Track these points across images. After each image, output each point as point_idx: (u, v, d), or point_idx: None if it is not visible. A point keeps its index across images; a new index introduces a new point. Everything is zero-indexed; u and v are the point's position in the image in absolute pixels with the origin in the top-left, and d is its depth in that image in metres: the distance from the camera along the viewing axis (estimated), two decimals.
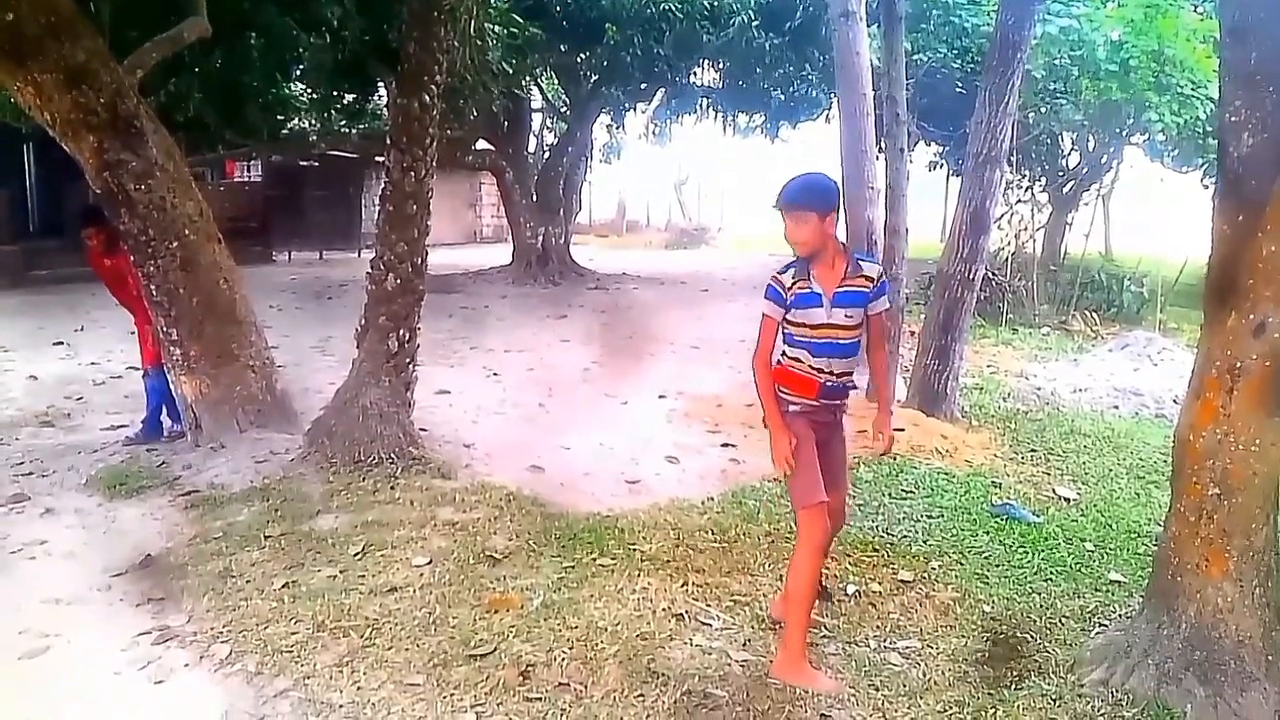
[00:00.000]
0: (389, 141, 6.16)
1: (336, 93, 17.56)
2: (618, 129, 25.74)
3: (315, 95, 18.08)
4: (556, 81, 21.41)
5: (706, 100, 21.65)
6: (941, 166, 22.66)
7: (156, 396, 6.74)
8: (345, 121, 19.19)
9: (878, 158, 9.03)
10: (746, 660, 3.66)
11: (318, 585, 4.23)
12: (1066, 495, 5.86)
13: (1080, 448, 6.99)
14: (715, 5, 15.75)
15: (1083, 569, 4.64)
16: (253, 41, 13.31)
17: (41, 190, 19.12)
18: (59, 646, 3.76)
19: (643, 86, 18.79)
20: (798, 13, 15.97)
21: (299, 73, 16.89)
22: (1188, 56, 12.25)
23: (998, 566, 4.63)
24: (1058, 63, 13.15)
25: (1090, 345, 11.70)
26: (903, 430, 6.87)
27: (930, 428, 7.05)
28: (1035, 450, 6.89)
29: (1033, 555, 4.77)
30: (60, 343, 10.75)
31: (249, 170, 25.56)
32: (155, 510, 5.35)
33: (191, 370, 6.34)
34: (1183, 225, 14.65)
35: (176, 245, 6.15)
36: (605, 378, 9.21)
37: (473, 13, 6.73)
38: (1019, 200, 16.17)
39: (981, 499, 5.65)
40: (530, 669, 3.52)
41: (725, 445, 6.83)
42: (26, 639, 3.79)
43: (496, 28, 12.57)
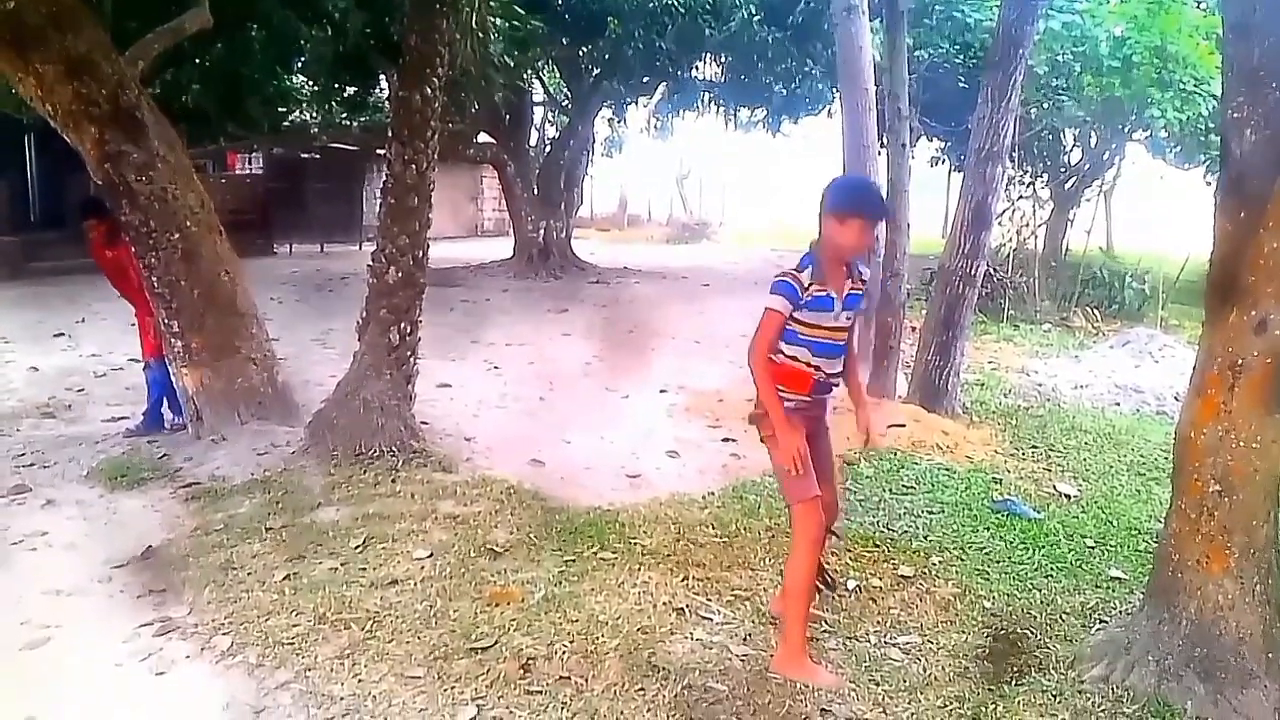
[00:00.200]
0: (390, 134, 6.15)
1: (338, 85, 17.57)
2: (619, 123, 25.71)
3: (317, 87, 18.10)
4: (558, 75, 21.40)
5: (708, 94, 21.61)
6: (943, 162, 22.67)
7: (158, 388, 6.74)
8: (347, 114, 19.21)
9: (880, 153, 9.02)
10: (747, 654, 3.66)
11: (319, 577, 4.24)
12: (1067, 492, 5.86)
13: (1081, 444, 6.99)
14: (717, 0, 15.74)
15: (1083, 565, 4.64)
16: (254, 33, 13.30)
17: (42, 181, 19.12)
18: (60, 638, 3.76)
19: (644, 80, 18.77)
20: (800, 7, 15.94)
21: (300, 65, 16.90)
22: (1190, 53, 12.24)
23: (998, 562, 4.63)
24: (1060, 59, 13.14)
25: (1091, 342, 11.69)
26: (903, 426, 6.89)
27: (931, 423, 7.05)
28: (1036, 446, 6.89)
29: (1033, 551, 4.77)
30: (61, 334, 10.74)
31: (250, 162, 25.55)
32: (156, 502, 5.35)
33: (193, 362, 6.34)
34: (1185, 222, 14.66)
35: (178, 237, 6.14)
36: (606, 372, 9.21)
37: (474, 5, 6.73)
38: (1021, 196, 16.17)
39: (982, 495, 5.65)
40: (531, 662, 3.52)
41: (726, 440, 6.83)
42: (27, 630, 3.79)
43: (498, 20, 12.54)
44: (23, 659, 3.60)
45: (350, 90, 17.90)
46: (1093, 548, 4.90)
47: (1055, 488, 5.94)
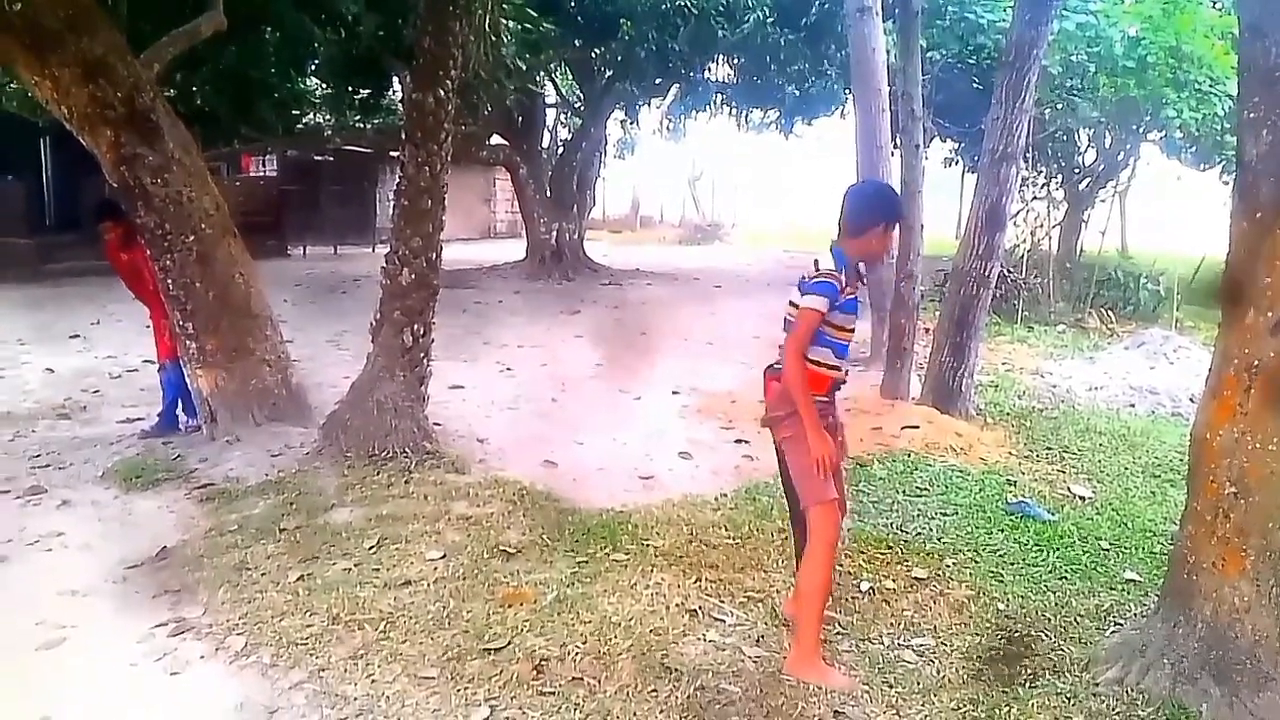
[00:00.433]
0: (404, 136, 6.17)
1: (351, 88, 17.65)
2: (632, 124, 25.75)
3: (330, 90, 18.17)
4: (570, 77, 21.42)
5: (721, 96, 21.62)
6: (957, 163, 22.61)
7: (172, 390, 6.77)
8: (360, 116, 19.27)
9: (893, 154, 9.02)
10: (760, 656, 3.66)
11: (332, 578, 4.25)
12: (1082, 494, 5.83)
13: (1096, 446, 6.96)
14: (730, 1, 15.71)
15: (1098, 568, 4.62)
16: (267, 36, 13.38)
17: (58, 184, 19.25)
18: (75, 638, 3.78)
19: (657, 82, 18.75)
20: (813, 8, 15.91)
21: (314, 67, 16.99)
22: (1206, 53, 12.17)
23: (1012, 564, 4.61)
24: (1074, 59, 13.08)
25: (1106, 343, 11.63)
26: (917, 427, 6.87)
27: (945, 425, 7.03)
28: (1050, 448, 6.86)
29: (1047, 554, 4.75)
30: (76, 336, 10.81)
31: (264, 165, 25.71)
32: (171, 503, 5.38)
33: (207, 364, 6.37)
34: (1200, 223, 14.59)
35: (193, 239, 6.18)
36: (618, 373, 9.21)
37: (487, 7, 6.74)
38: (1035, 197, 16.08)
39: (996, 497, 5.63)
40: (544, 663, 3.52)
41: (738, 441, 6.82)
42: (43, 630, 3.81)
43: (511, 23, 12.56)
44: (38, 659, 3.62)
45: (363, 93, 17.96)
46: (1107, 550, 4.87)
47: (1070, 490, 5.91)
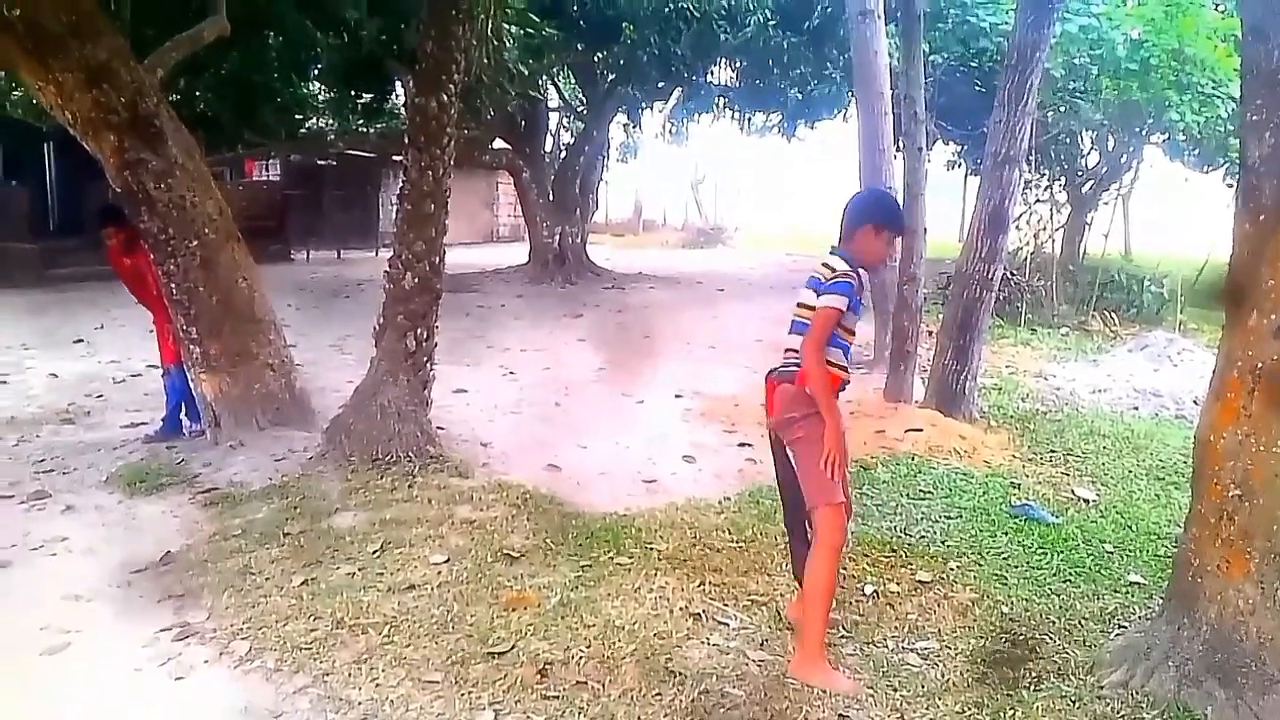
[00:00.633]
0: (407, 141, 6.17)
1: (354, 92, 17.68)
2: (634, 128, 25.77)
3: (333, 94, 18.22)
4: (573, 81, 21.45)
5: (723, 99, 21.64)
6: (960, 166, 22.60)
7: (176, 395, 6.78)
8: (363, 121, 19.30)
9: (895, 157, 9.02)
10: (764, 660, 3.66)
11: (336, 583, 4.25)
12: (1086, 496, 5.82)
13: (1099, 449, 6.95)
14: (732, 4, 15.73)
15: (1102, 570, 4.61)
16: (270, 41, 13.41)
17: (61, 189, 19.29)
18: (79, 643, 3.78)
19: (659, 86, 18.77)
20: (815, 12, 15.94)
21: (316, 72, 17.03)
22: (1208, 55, 12.17)
23: (1016, 567, 4.60)
24: (1077, 61, 13.09)
25: (1110, 346, 11.63)
26: (920, 430, 6.86)
27: (948, 428, 7.02)
28: (1054, 451, 6.85)
29: (1052, 556, 4.74)
30: (80, 341, 10.83)
31: (267, 169, 25.76)
32: (175, 507, 5.38)
33: (211, 369, 6.38)
34: (1203, 225, 14.57)
35: (196, 244, 6.18)
36: (621, 377, 9.21)
37: (490, 12, 6.75)
38: (1038, 200, 16.10)
39: (1000, 500, 5.62)
40: (548, 667, 3.52)
41: (742, 445, 6.82)
42: (47, 635, 3.81)
43: (513, 27, 12.59)
44: (42, 664, 3.62)
45: (366, 97, 18.00)
46: (1111, 553, 4.86)
47: (1074, 492, 5.90)
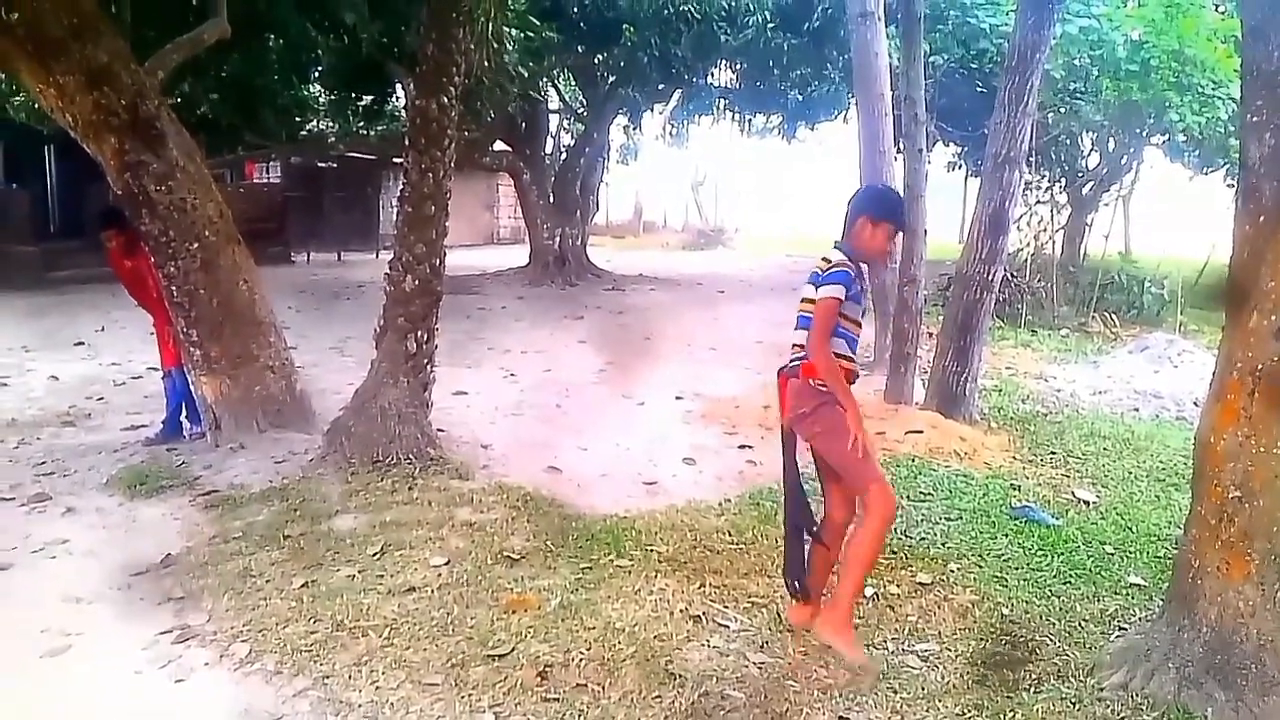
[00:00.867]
0: (407, 143, 6.17)
1: (354, 94, 17.68)
2: (634, 130, 25.72)
3: (333, 97, 18.21)
4: (573, 83, 21.43)
5: (723, 101, 21.62)
6: (960, 167, 22.60)
7: (176, 397, 6.78)
8: (363, 123, 19.30)
9: (896, 158, 9.02)
10: (764, 662, 3.66)
11: (336, 585, 4.25)
12: (1086, 498, 5.82)
13: (1100, 450, 6.95)
14: (733, 6, 15.72)
15: (1102, 572, 4.61)
16: (271, 43, 13.41)
17: (62, 191, 19.32)
18: (80, 645, 3.79)
19: (660, 87, 18.77)
20: (815, 13, 15.92)
21: (317, 74, 17.02)
22: (1209, 56, 12.18)
23: (1017, 569, 4.60)
24: (1077, 63, 13.10)
25: (1110, 347, 11.63)
26: (920, 432, 6.86)
27: (949, 430, 7.02)
28: (1054, 453, 6.85)
29: (1052, 558, 4.73)
30: (81, 343, 10.84)
31: (268, 172, 25.77)
32: (175, 510, 5.38)
33: (211, 371, 6.39)
34: (1204, 225, 14.57)
35: (197, 246, 6.19)
36: (622, 379, 9.21)
37: (490, 14, 6.74)
38: (1038, 201, 16.10)
39: (1000, 501, 5.62)
40: (548, 669, 3.52)
41: (742, 447, 6.82)
42: (48, 637, 3.81)
43: (513, 30, 12.58)
44: (43, 666, 3.62)
45: (366, 99, 18.00)
46: (1112, 554, 4.86)
47: (1074, 494, 5.90)
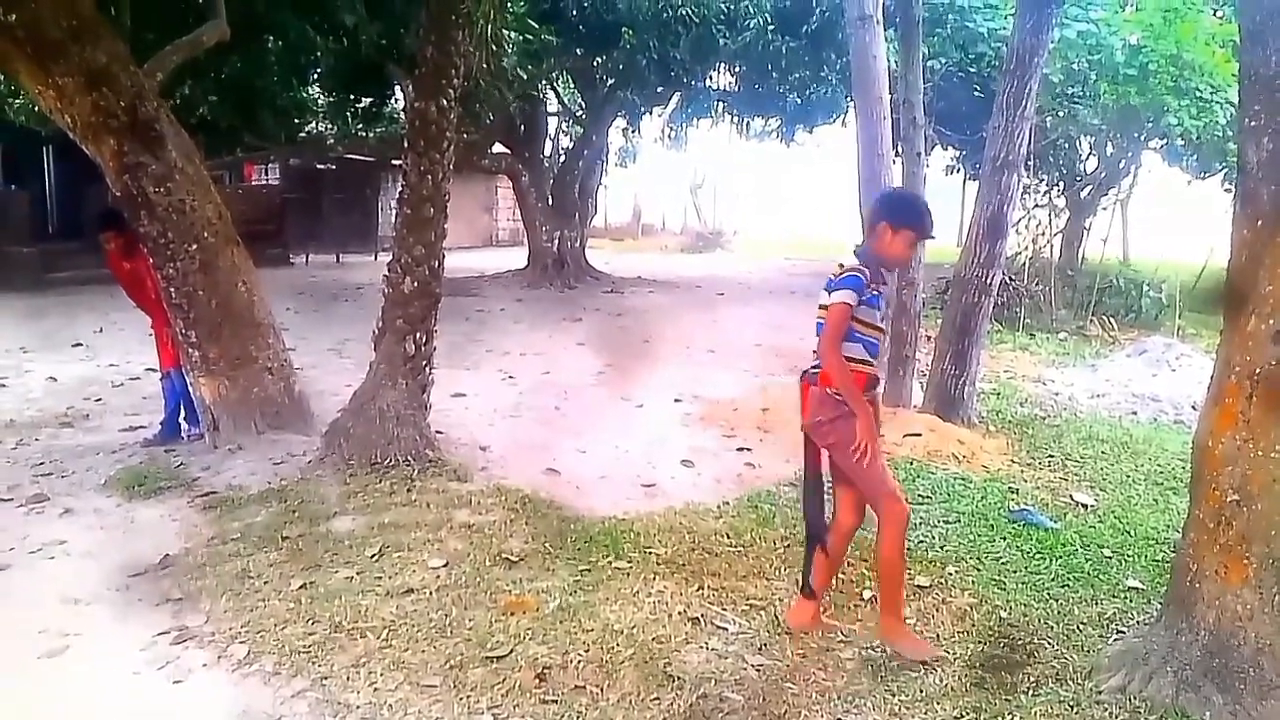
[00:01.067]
0: (406, 145, 6.18)
1: (353, 96, 17.70)
2: (633, 133, 25.74)
3: (332, 99, 18.22)
4: (572, 85, 21.44)
5: (722, 104, 21.63)
6: (958, 171, 22.64)
7: (175, 398, 6.78)
8: (362, 125, 19.33)
9: (894, 162, 9.01)
10: (762, 664, 3.66)
11: (335, 586, 4.25)
12: (1084, 501, 5.82)
13: (1098, 454, 6.95)
14: (731, 9, 15.73)
15: (1100, 575, 4.61)
16: (270, 45, 13.42)
17: (61, 193, 19.30)
18: (78, 646, 3.78)
19: (658, 90, 18.77)
20: (814, 16, 15.94)
21: (316, 77, 17.03)
22: (1206, 61, 12.21)
23: (1015, 572, 4.60)
24: (1075, 67, 13.12)
25: (1108, 351, 11.64)
26: (919, 435, 6.86)
27: (947, 433, 7.02)
28: (1053, 456, 6.86)
29: (1050, 561, 4.74)
30: (79, 344, 10.83)
31: (267, 173, 25.77)
32: (173, 511, 5.38)
33: (210, 372, 6.38)
34: (1202, 229, 14.59)
35: (195, 248, 6.19)
36: (620, 381, 9.21)
37: (489, 17, 6.75)
38: (1037, 205, 16.14)
39: (998, 505, 5.63)
40: (546, 671, 3.52)
41: (741, 449, 6.81)
42: (46, 638, 3.81)
43: (512, 32, 12.58)
44: (41, 667, 3.62)
45: (365, 101, 18.02)
46: (1110, 558, 4.87)
47: (1072, 497, 5.91)
